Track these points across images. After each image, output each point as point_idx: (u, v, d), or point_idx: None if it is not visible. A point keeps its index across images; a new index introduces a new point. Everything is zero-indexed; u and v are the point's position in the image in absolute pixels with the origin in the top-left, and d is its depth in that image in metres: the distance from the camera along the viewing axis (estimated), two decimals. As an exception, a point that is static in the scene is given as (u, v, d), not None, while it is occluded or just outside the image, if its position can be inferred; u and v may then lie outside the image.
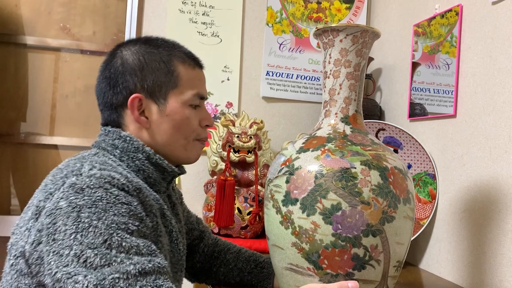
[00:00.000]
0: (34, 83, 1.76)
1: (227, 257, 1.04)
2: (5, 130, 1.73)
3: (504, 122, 1.09)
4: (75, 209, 0.65)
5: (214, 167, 1.56)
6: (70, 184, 0.68)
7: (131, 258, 0.64)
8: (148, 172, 0.81)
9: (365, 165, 0.77)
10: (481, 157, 1.16)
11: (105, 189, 0.68)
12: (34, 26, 1.76)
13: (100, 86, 0.85)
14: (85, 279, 0.61)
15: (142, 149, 0.81)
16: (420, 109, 1.44)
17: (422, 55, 1.44)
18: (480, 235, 1.14)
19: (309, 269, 0.77)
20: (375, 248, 0.75)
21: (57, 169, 0.76)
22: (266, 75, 1.78)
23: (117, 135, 0.81)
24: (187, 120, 0.84)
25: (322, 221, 0.75)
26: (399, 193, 0.78)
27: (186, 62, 0.86)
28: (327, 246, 0.75)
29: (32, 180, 1.74)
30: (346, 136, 0.82)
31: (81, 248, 0.63)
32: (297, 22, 1.81)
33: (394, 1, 1.67)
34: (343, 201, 0.74)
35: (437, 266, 1.30)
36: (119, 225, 0.66)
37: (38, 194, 0.73)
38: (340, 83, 0.85)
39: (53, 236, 0.65)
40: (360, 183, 0.75)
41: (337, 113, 0.85)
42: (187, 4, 1.73)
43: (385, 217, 0.75)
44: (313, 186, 0.76)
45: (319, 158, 0.78)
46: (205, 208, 1.54)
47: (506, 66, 1.10)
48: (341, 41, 0.83)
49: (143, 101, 0.82)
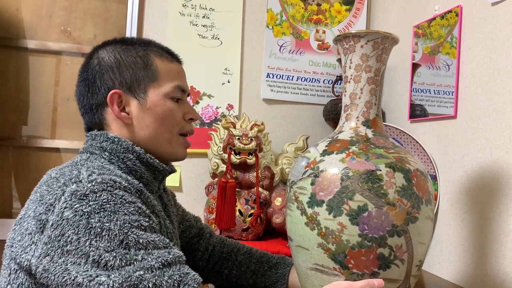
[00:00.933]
0: (35, 86, 1.77)
1: (239, 259, 1.04)
2: (6, 134, 1.74)
3: (505, 123, 1.09)
4: (83, 216, 0.64)
5: (215, 169, 1.56)
6: (72, 192, 0.66)
7: (151, 253, 0.65)
8: (140, 172, 0.81)
9: (389, 167, 0.78)
10: (482, 158, 1.16)
11: (109, 191, 0.67)
12: (35, 30, 1.76)
13: (79, 90, 0.84)
14: (109, 279, 0.61)
15: (132, 149, 0.80)
16: (420, 110, 1.44)
17: (422, 56, 1.44)
18: (482, 236, 1.14)
19: (335, 269, 0.78)
20: (399, 248, 0.77)
21: (51, 178, 0.73)
22: (267, 77, 1.79)
23: (104, 137, 0.80)
24: (169, 112, 0.83)
25: (348, 222, 0.76)
26: (422, 194, 0.80)
27: (163, 55, 0.85)
28: (354, 247, 0.77)
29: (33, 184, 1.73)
30: (368, 139, 0.84)
31: (98, 253, 0.62)
32: (297, 24, 1.81)
33: (394, 3, 1.68)
34: (369, 203, 0.76)
35: (439, 267, 1.30)
36: (132, 224, 0.66)
37: (34, 205, 0.70)
38: (361, 87, 0.87)
39: (65, 248, 0.63)
40: (385, 185, 0.77)
41: (358, 116, 0.87)
42: (187, 7, 1.73)
43: (409, 217, 0.77)
44: (339, 188, 0.78)
45: (344, 161, 0.80)
46: (206, 210, 1.54)
47: (506, 66, 1.10)
48: (362, 47, 0.86)
49: (122, 97, 0.81)
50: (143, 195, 0.75)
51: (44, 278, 0.65)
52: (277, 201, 1.52)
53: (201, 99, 1.73)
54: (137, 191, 0.73)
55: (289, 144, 1.67)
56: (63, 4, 1.78)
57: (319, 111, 1.82)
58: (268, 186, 1.54)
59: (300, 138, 1.66)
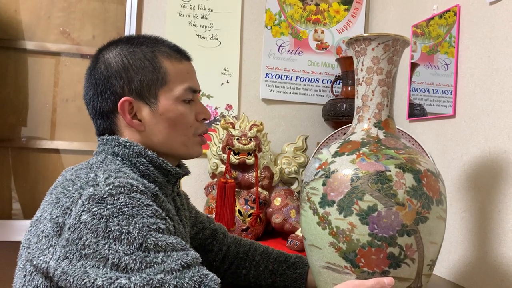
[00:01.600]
0: (34, 87, 1.77)
1: (256, 259, 1.03)
2: (6, 135, 1.74)
3: (503, 122, 1.09)
4: (101, 220, 0.64)
5: (215, 169, 1.56)
6: (89, 196, 0.66)
7: (170, 255, 0.65)
8: (154, 176, 0.80)
9: (399, 168, 0.79)
10: (481, 157, 1.16)
11: (127, 194, 0.67)
12: (34, 31, 1.76)
13: (88, 94, 0.83)
14: (130, 282, 0.61)
15: (144, 153, 0.79)
16: (419, 109, 1.44)
17: (421, 56, 1.44)
18: (481, 235, 1.15)
19: (346, 268, 0.80)
20: (409, 247, 0.78)
21: (66, 180, 0.72)
22: (266, 77, 1.79)
23: (115, 142, 0.79)
24: (181, 117, 0.82)
25: (358, 222, 0.78)
26: (432, 194, 0.80)
27: (172, 56, 0.83)
28: (364, 246, 0.78)
29: (33, 185, 1.75)
30: (380, 141, 0.85)
31: (118, 256, 0.63)
32: (295, 24, 1.81)
33: (392, 2, 1.68)
34: (379, 203, 0.77)
35: (438, 266, 1.30)
36: (150, 227, 0.66)
37: (50, 208, 0.70)
38: (372, 89, 0.88)
39: (84, 251, 0.63)
40: (395, 185, 0.78)
41: (370, 118, 0.88)
42: (186, 8, 1.73)
43: (419, 217, 0.78)
44: (349, 188, 0.79)
45: (355, 162, 0.81)
46: (206, 210, 1.54)
47: (504, 66, 1.10)
48: (373, 50, 0.87)
49: (133, 104, 0.80)
50: (159, 199, 0.74)
51: (63, 281, 0.65)
52: (276, 201, 1.53)
53: (200, 99, 1.73)
54: (153, 195, 0.73)
55: (288, 144, 1.67)
56: (62, 5, 1.78)
57: (318, 111, 1.82)
58: (267, 186, 1.54)
59: (299, 138, 1.66)
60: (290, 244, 1.41)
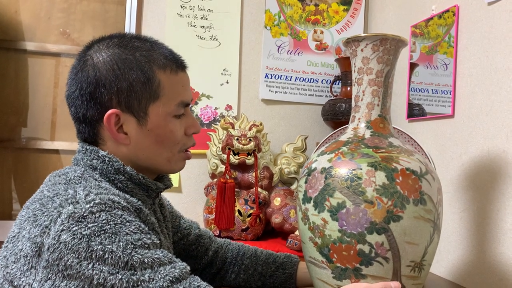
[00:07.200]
0: (34, 88, 1.77)
1: (245, 263, 1.03)
2: (6, 135, 1.74)
3: (502, 122, 1.10)
4: (82, 240, 0.61)
5: (214, 169, 1.57)
6: (69, 215, 0.62)
7: (158, 271, 0.63)
8: (132, 193, 0.76)
9: (371, 166, 0.80)
10: (479, 157, 1.16)
11: (108, 211, 0.64)
12: (34, 32, 1.77)
13: (72, 96, 0.76)
14: None
15: (123, 170, 0.75)
16: (418, 109, 1.44)
17: (420, 56, 1.44)
18: (480, 234, 1.15)
19: (323, 262, 0.82)
20: (380, 245, 0.78)
21: (45, 196, 0.68)
22: (265, 78, 1.79)
23: (95, 154, 0.75)
24: (170, 133, 0.78)
25: (329, 218, 0.80)
26: (408, 193, 0.79)
27: (168, 67, 0.77)
28: (335, 241, 0.80)
29: (33, 185, 1.74)
30: (363, 140, 0.86)
31: (103, 277, 0.60)
32: (295, 24, 1.82)
33: (391, 3, 1.68)
34: (348, 200, 0.79)
35: (437, 266, 1.30)
36: (134, 243, 0.63)
37: (28, 225, 0.66)
38: (363, 90, 0.89)
39: (66, 272, 0.61)
40: (364, 183, 0.79)
41: (360, 118, 0.90)
42: (185, 8, 1.74)
43: (390, 216, 0.78)
44: (323, 185, 0.82)
45: (331, 160, 0.84)
46: (205, 210, 1.55)
47: (503, 65, 1.10)
48: (362, 50, 0.88)
49: (120, 116, 0.74)
50: (143, 213, 0.72)
51: None
52: (276, 201, 1.53)
53: (200, 100, 1.74)
54: (136, 209, 0.70)
55: (288, 144, 1.67)
56: (62, 6, 1.79)
57: (317, 111, 1.82)
58: (267, 186, 1.54)
59: (298, 138, 1.67)
60: (289, 244, 1.41)
